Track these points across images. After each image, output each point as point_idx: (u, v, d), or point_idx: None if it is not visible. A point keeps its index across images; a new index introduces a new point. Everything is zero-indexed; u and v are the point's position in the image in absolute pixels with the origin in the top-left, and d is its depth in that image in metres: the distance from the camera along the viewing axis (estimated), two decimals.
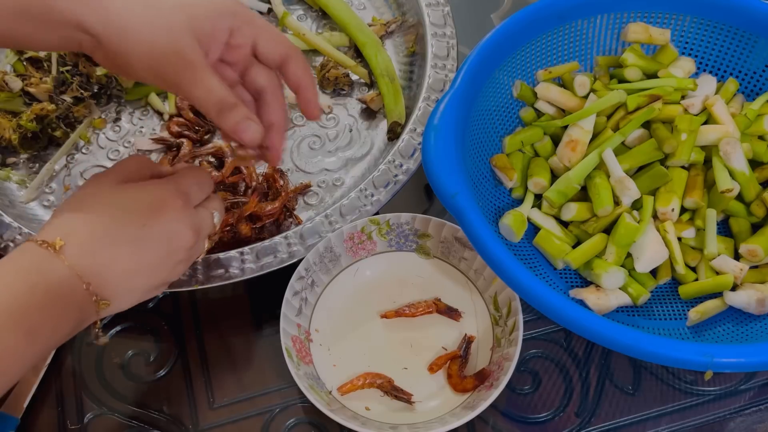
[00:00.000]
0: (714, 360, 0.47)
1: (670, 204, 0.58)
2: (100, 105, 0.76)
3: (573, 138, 0.61)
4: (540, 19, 0.62)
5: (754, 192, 0.60)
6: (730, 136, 0.60)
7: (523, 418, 0.60)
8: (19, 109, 0.72)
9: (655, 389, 0.61)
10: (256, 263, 0.62)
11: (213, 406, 0.61)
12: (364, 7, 0.82)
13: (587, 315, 0.49)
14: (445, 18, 0.75)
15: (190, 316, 0.65)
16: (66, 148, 0.72)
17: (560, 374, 0.62)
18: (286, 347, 0.57)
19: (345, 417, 0.55)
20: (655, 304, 0.59)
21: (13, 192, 0.71)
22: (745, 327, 0.56)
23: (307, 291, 0.61)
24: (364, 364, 0.60)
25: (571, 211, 0.60)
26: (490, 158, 0.62)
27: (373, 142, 0.73)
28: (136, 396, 0.62)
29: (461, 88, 0.57)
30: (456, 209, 0.52)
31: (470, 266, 0.63)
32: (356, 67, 0.75)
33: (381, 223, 0.63)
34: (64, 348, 0.64)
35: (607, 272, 0.57)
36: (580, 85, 0.64)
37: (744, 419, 0.60)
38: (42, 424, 0.61)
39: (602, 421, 0.60)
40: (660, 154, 0.60)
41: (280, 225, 0.67)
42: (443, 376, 0.60)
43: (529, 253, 0.61)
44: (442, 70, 0.72)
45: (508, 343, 0.58)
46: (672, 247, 0.58)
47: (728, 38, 0.64)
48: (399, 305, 0.63)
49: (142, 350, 0.64)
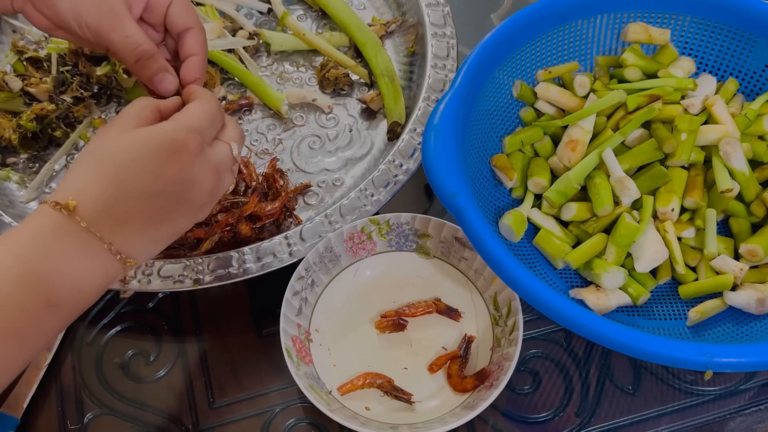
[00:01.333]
0: (714, 360, 0.47)
1: (670, 204, 0.58)
2: (100, 105, 0.76)
3: (573, 138, 0.61)
4: (540, 19, 0.62)
5: (754, 192, 0.60)
6: (730, 136, 0.60)
7: (523, 418, 0.60)
8: (19, 109, 0.72)
9: (655, 389, 0.61)
10: (256, 263, 0.62)
11: (213, 406, 0.61)
12: (364, 7, 0.82)
13: (587, 315, 0.49)
14: (445, 18, 0.75)
15: (190, 316, 0.65)
16: (66, 148, 0.72)
17: (560, 374, 0.62)
18: (286, 347, 0.57)
19: (345, 417, 0.55)
20: (655, 304, 0.59)
21: (13, 192, 0.71)
22: (745, 327, 0.56)
23: (307, 291, 0.61)
24: (364, 364, 0.60)
25: (571, 211, 0.60)
26: (490, 158, 0.62)
27: (373, 142, 0.73)
28: (136, 396, 0.62)
29: (461, 88, 0.57)
30: (456, 209, 0.52)
31: (470, 266, 0.63)
32: (356, 67, 0.75)
33: (381, 223, 0.63)
34: (65, 348, 0.64)
35: (607, 272, 0.57)
36: (580, 85, 0.64)
37: (744, 419, 0.60)
38: (42, 424, 0.61)
39: (602, 421, 0.60)
40: (660, 154, 0.60)
41: (280, 225, 0.67)
42: (443, 376, 0.60)
43: (529, 253, 0.61)
44: (442, 70, 0.72)
45: (508, 343, 0.58)
46: (672, 247, 0.58)
47: (728, 38, 0.64)
48: (399, 305, 0.63)
49: (142, 350, 0.64)
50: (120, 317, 0.65)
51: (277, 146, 0.73)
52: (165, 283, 0.61)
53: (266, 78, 0.76)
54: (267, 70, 0.78)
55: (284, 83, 0.77)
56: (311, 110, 0.75)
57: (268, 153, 0.72)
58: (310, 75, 0.77)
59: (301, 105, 0.75)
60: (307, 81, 0.77)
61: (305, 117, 0.75)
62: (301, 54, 0.79)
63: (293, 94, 0.74)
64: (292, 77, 0.77)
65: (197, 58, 0.55)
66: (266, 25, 0.80)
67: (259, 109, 0.75)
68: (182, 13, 0.55)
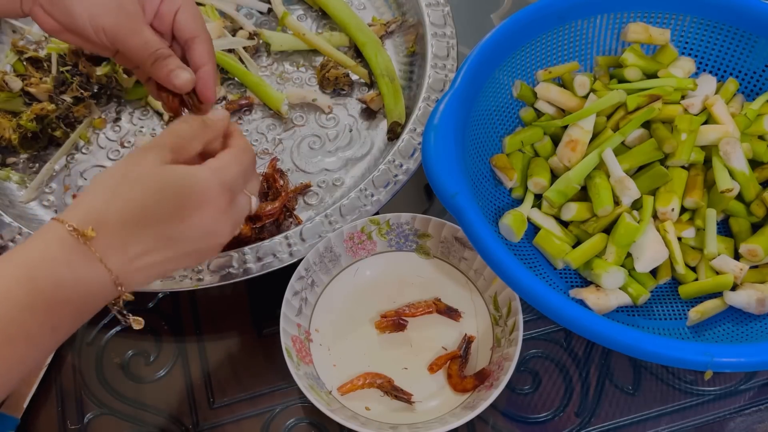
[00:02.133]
0: (714, 360, 0.47)
1: (670, 204, 0.58)
2: (100, 105, 0.76)
3: (573, 138, 0.61)
4: (540, 19, 0.62)
5: (754, 192, 0.60)
6: (730, 136, 0.60)
7: (523, 418, 0.60)
8: (19, 109, 0.72)
9: (655, 389, 0.61)
10: (256, 263, 0.62)
11: (213, 406, 0.61)
12: (364, 7, 0.82)
13: (587, 315, 0.49)
14: (445, 18, 0.75)
15: (190, 316, 0.65)
16: (66, 148, 0.72)
17: (560, 374, 0.62)
18: (286, 347, 0.57)
19: (345, 417, 0.55)
20: (655, 304, 0.59)
21: (13, 192, 0.71)
22: (745, 327, 0.56)
23: (307, 291, 0.61)
24: (364, 364, 0.60)
25: (571, 211, 0.60)
26: (490, 158, 0.62)
27: (373, 142, 0.73)
28: (136, 396, 0.62)
29: (461, 88, 0.57)
30: (456, 209, 0.52)
31: (470, 266, 0.63)
32: (356, 67, 0.75)
33: (381, 223, 0.63)
34: (65, 348, 0.64)
35: (607, 272, 0.57)
36: (580, 85, 0.64)
37: (744, 419, 0.60)
38: (42, 424, 0.61)
39: (602, 421, 0.60)
40: (660, 154, 0.60)
41: (280, 225, 0.67)
42: (443, 376, 0.60)
43: (529, 253, 0.61)
44: (442, 70, 0.72)
45: (508, 343, 0.58)
46: (672, 247, 0.58)
47: (728, 38, 0.64)
48: (399, 305, 0.63)
49: (142, 350, 0.64)
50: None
51: (277, 146, 0.73)
52: (165, 283, 0.61)
53: (266, 78, 0.76)
54: (267, 70, 0.78)
55: (284, 83, 0.77)
56: (311, 110, 0.75)
57: (268, 153, 0.72)
58: (310, 75, 0.77)
59: (301, 105, 0.75)
60: (307, 81, 0.77)
61: (305, 117, 0.75)
62: (301, 54, 0.79)
63: (293, 94, 0.74)
64: (292, 77, 0.77)
65: (208, 68, 0.54)
66: (266, 25, 0.80)
67: (259, 109, 0.75)
68: (189, 20, 0.54)
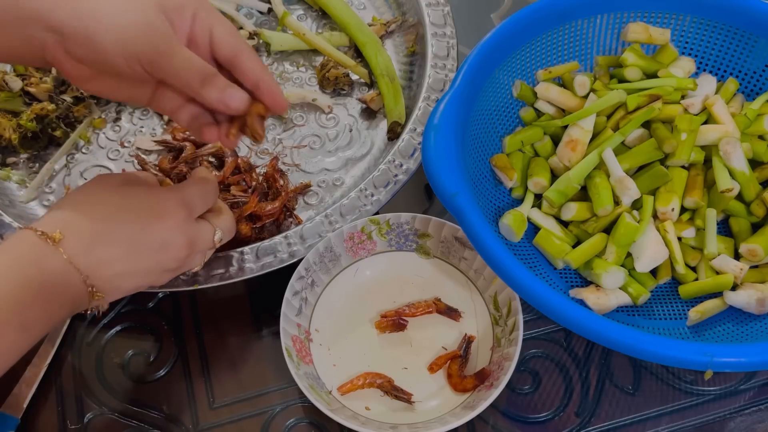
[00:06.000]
0: (714, 360, 0.47)
1: (670, 204, 0.58)
2: (100, 105, 0.76)
3: (573, 138, 0.61)
4: (540, 19, 0.62)
5: (754, 192, 0.60)
6: (730, 135, 0.60)
7: (523, 418, 0.60)
8: (19, 109, 0.72)
9: (655, 389, 0.61)
10: (256, 263, 0.62)
11: (213, 406, 0.61)
12: (364, 7, 0.82)
13: (587, 315, 0.49)
14: (445, 18, 0.75)
15: (190, 316, 0.65)
16: (66, 148, 0.72)
17: (560, 374, 0.62)
18: (286, 347, 0.57)
19: (345, 417, 0.55)
20: (655, 304, 0.59)
21: (13, 192, 0.71)
22: (745, 327, 0.56)
23: (307, 291, 0.61)
24: (364, 364, 0.60)
25: (571, 211, 0.60)
26: (490, 158, 0.62)
27: (373, 142, 0.73)
28: (136, 396, 0.62)
29: (461, 88, 0.57)
30: (456, 209, 0.52)
31: (470, 266, 0.63)
32: (356, 67, 0.75)
33: (381, 223, 0.63)
34: (65, 347, 0.64)
35: (607, 272, 0.57)
36: (580, 84, 0.64)
37: (744, 419, 0.60)
38: (42, 424, 0.61)
39: (602, 421, 0.60)
40: (660, 154, 0.60)
41: (280, 225, 0.67)
42: (443, 376, 0.60)
43: (529, 253, 0.61)
44: (442, 70, 0.72)
45: (508, 343, 0.58)
46: (672, 246, 0.58)
47: (728, 38, 0.64)
48: (399, 305, 0.63)
49: (142, 350, 0.64)
50: (120, 317, 0.65)
51: (277, 146, 0.73)
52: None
53: None
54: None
55: (284, 83, 0.77)
56: (311, 110, 0.75)
57: (268, 153, 0.72)
58: (310, 75, 0.77)
59: (301, 105, 0.75)
60: (307, 81, 0.77)
61: (305, 117, 0.75)
62: (301, 54, 0.79)
63: (293, 93, 0.74)
64: (292, 77, 0.77)
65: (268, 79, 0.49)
66: (266, 25, 0.80)
67: None
68: (228, 36, 0.49)
